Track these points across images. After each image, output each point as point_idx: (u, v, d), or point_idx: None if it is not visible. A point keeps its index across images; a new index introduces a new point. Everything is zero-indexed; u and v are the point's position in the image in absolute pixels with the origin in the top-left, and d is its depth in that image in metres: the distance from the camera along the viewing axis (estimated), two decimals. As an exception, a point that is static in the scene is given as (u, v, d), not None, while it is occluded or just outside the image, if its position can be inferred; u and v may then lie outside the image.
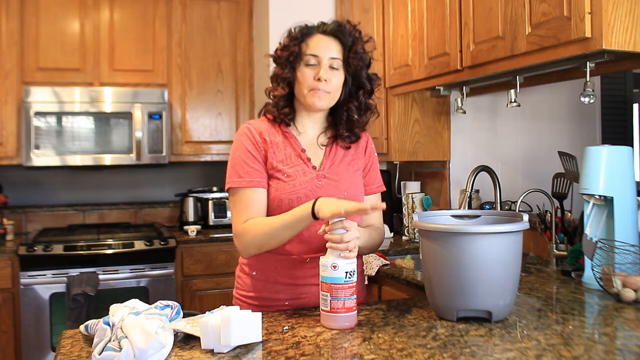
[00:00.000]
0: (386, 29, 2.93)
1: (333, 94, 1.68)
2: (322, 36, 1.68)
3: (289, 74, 1.68)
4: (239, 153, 1.67)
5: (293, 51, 1.67)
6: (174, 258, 3.46)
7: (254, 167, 1.65)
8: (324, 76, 1.64)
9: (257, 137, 1.68)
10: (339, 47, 1.68)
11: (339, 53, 1.67)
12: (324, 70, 1.64)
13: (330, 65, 1.66)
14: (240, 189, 1.64)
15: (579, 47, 1.74)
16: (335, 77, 1.66)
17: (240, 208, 1.65)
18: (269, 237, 1.59)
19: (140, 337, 1.19)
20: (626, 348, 1.29)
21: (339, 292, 1.40)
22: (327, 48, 1.66)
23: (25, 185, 3.95)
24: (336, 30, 1.68)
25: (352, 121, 1.73)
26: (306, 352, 1.26)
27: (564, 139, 3.01)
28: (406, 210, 3.11)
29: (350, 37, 1.68)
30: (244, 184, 1.64)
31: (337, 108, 1.74)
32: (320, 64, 1.65)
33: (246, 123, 1.74)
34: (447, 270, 1.45)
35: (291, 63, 1.68)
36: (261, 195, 1.65)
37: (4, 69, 3.56)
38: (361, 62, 1.69)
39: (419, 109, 2.99)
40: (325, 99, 1.67)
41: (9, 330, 3.24)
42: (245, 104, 4.03)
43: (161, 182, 4.22)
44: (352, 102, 1.73)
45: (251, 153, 1.66)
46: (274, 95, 1.72)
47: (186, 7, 3.90)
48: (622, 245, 1.76)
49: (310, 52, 1.66)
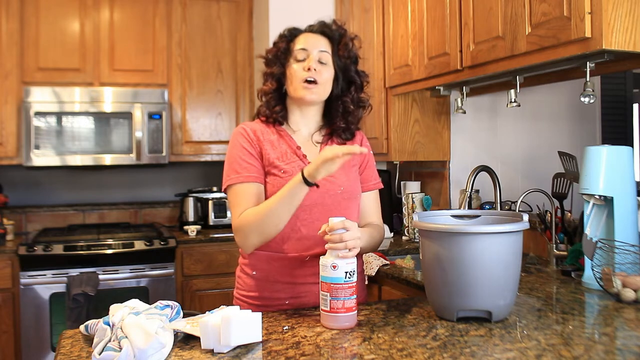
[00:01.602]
0: (386, 29, 2.93)
1: (323, 86, 1.70)
2: (309, 34, 1.74)
3: (277, 69, 1.72)
4: (235, 151, 1.69)
5: (281, 47, 1.73)
6: (174, 258, 3.46)
7: (250, 163, 1.67)
8: (313, 66, 1.67)
9: (252, 135, 1.71)
10: (327, 42, 1.73)
11: (327, 47, 1.72)
12: (314, 62, 1.68)
13: (319, 59, 1.70)
14: (238, 184, 1.65)
15: (579, 47, 1.74)
16: (324, 71, 1.70)
17: (237, 202, 1.64)
18: (267, 219, 1.56)
19: (140, 337, 1.19)
20: (626, 348, 1.29)
21: (338, 292, 1.40)
22: (315, 42, 1.72)
23: (25, 185, 3.95)
24: (323, 27, 1.75)
25: (349, 112, 1.76)
26: (306, 352, 1.26)
27: (564, 139, 3.00)
28: (406, 210, 3.11)
29: (337, 33, 1.75)
30: (241, 179, 1.65)
31: (332, 103, 1.77)
32: (309, 56, 1.70)
33: (240, 124, 1.77)
34: (447, 270, 1.45)
35: (280, 59, 1.72)
36: (258, 189, 1.65)
37: (4, 69, 3.56)
38: (349, 55, 1.74)
39: (419, 109, 2.99)
40: (315, 92, 1.69)
41: (9, 330, 3.24)
42: (245, 104, 4.03)
43: (161, 182, 4.22)
44: (346, 96, 1.76)
45: (247, 149, 1.68)
46: (264, 92, 1.75)
47: (186, 7, 3.90)
48: (622, 245, 1.76)
49: (299, 46, 1.71)
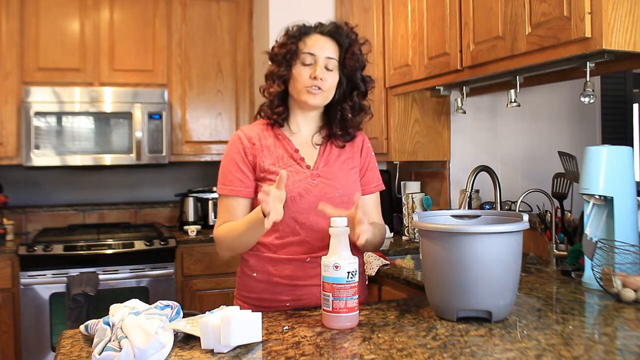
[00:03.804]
0: (386, 29, 2.93)
1: (327, 92, 1.70)
2: (319, 36, 1.70)
3: (284, 71, 1.70)
4: (225, 162, 1.74)
5: (290, 49, 1.68)
6: (174, 258, 3.46)
7: (237, 177, 1.70)
8: (319, 74, 1.65)
9: (247, 142, 1.71)
10: (336, 48, 1.70)
11: (335, 53, 1.69)
12: (320, 69, 1.66)
13: (326, 65, 1.67)
14: (223, 195, 1.72)
15: (579, 47, 1.74)
16: (330, 77, 1.68)
17: (221, 212, 1.74)
18: (235, 241, 1.67)
19: (140, 337, 1.19)
20: (626, 348, 1.29)
21: (340, 292, 1.40)
22: (323, 47, 1.68)
23: (25, 185, 3.94)
24: (333, 32, 1.70)
25: (346, 120, 1.75)
26: (306, 352, 1.26)
27: (564, 139, 3.00)
28: (406, 210, 3.11)
29: (347, 39, 1.70)
30: (226, 192, 1.71)
31: (331, 107, 1.76)
32: (316, 62, 1.67)
33: (238, 129, 1.78)
34: (447, 270, 1.45)
35: (287, 61, 1.69)
36: (241, 204, 1.71)
37: (4, 69, 3.56)
38: (357, 64, 1.71)
39: (419, 109, 2.99)
40: (319, 97, 1.69)
41: (9, 330, 3.24)
42: (245, 104, 4.03)
43: (161, 182, 4.21)
44: (346, 102, 1.75)
45: (236, 163, 1.71)
46: (269, 92, 1.74)
47: (186, 7, 3.90)
48: (622, 245, 1.76)
49: (307, 50, 1.68)
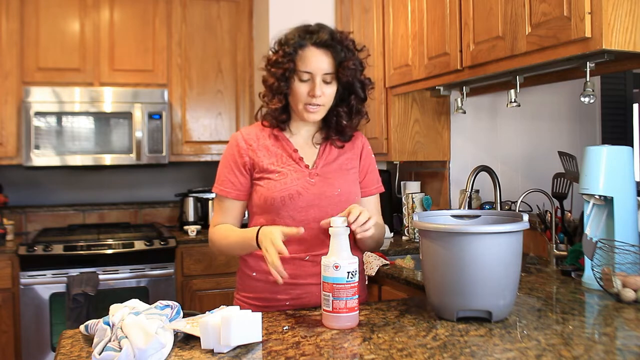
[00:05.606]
0: (386, 29, 2.93)
1: (326, 105, 1.71)
2: (314, 49, 1.65)
3: (285, 88, 1.69)
4: (222, 163, 1.78)
5: (287, 68, 1.66)
6: (174, 258, 3.46)
7: (228, 178, 1.74)
8: (317, 93, 1.65)
9: (243, 144, 1.73)
10: (331, 61, 1.66)
11: (332, 67, 1.66)
12: (318, 87, 1.65)
13: (324, 80, 1.67)
14: (219, 195, 1.77)
15: (579, 47, 1.74)
16: (328, 90, 1.68)
17: (216, 211, 1.81)
18: (228, 248, 1.75)
19: (140, 337, 1.19)
20: (626, 348, 1.29)
21: (340, 292, 1.40)
22: (319, 64, 1.65)
23: (25, 185, 3.94)
24: (328, 43, 1.65)
25: (342, 125, 1.75)
26: (306, 352, 1.26)
27: (564, 139, 3.01)
28: (406, 210, 3.11)
29: (342, 52, 1.66)
30: (218, 191, 1.77)
31: (328, 112, 1.75)
32: (313, 80, 1.66)
33: (238, 131, 1.81)
34: (447, 270, 1.45)
35: (286, 77, 1.68)
36: (234, 205, 1.76)
37: (4, 69, 3.56)
38: (353, 74, 1.69)
39: (419, 109, 2.99)
40: (319, 113, 1.71)
41: (9, 330, 3.24)
42: (245, 104, 4.03)
43: (161, 182, 4.21)
44: (342, 107, 1.74)
45: (232, 165, 1.73)
46: (272, 108, 1.72)
47: (186, 7, 3.90)
48: (622, 245, 1.76)
49: (303, 69, 1.65)
